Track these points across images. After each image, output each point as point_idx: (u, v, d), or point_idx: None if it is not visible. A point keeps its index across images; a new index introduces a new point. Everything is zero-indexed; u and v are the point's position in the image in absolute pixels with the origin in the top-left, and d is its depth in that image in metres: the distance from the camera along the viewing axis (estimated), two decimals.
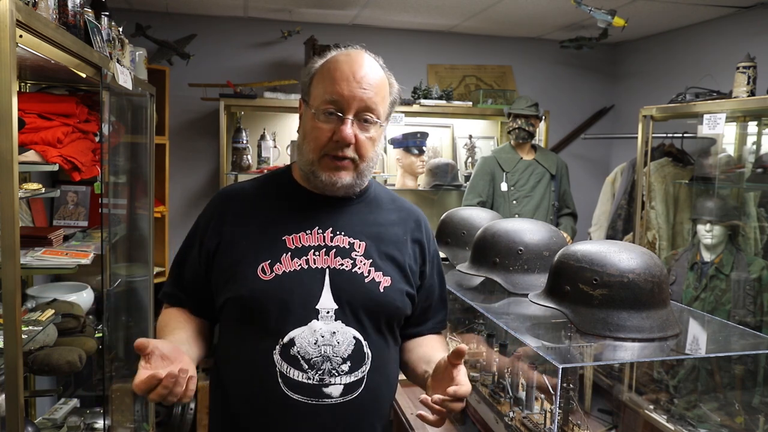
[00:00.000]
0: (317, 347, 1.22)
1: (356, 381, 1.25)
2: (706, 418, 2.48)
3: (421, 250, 1.40)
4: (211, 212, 1.35)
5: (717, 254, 2.93)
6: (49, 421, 2.39)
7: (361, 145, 1.26)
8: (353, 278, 1.27)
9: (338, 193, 1.31)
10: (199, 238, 1.33)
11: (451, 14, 3.78)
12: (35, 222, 2.70)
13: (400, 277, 1.33)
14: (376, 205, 1.39)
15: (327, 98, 1.24)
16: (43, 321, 1.92)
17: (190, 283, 1.35)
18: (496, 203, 3.50)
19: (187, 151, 3.96)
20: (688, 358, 2.34)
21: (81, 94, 2.38)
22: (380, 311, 1.29)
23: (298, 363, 1.21)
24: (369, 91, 1.25)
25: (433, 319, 1.45)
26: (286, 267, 1.25)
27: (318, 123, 1.25)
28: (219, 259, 1.29)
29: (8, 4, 1.33)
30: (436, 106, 3.90)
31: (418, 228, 1.41)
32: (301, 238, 1.28)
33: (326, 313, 1.24)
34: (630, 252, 1.31)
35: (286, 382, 1.21)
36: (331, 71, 1.25)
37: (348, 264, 1.27)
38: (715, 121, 2.72)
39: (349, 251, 1.29)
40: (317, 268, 1.26)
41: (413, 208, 1.46)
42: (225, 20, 3.95)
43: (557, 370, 1.15)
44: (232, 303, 1.27)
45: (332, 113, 1.24)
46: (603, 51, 4.54)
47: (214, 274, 1.30)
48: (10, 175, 1.39)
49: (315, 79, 1.29)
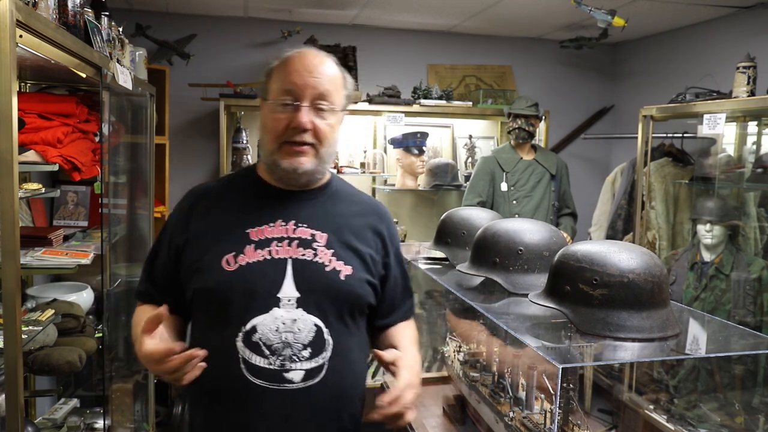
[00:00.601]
0: (278, 334, 1.28)
1: (317, 367, 1.30)
2: (706, 418, 2.48)
3: (383, 241, 1.46)
4: (179, 211, 1.43)
5: (717, 254, 2.93)
6: (49, 421, 2.39)
7: (319, 131, 1.33)
8: (315, 268, 1.33)
9: (301, 180, 1.37)
10: (168, 236, 1.41)
11: (451, 14, 3.78)
12: (35, 222, 2.70)
13: (361, 266, 1.38)
14: (337, 198, 1.45)
15: (282, 89, 1.32)
16: (43, 321, 1.92)
17: (161, 280, 1.42)
18: (496, 203, 3.50)
19: (187, 151, 3.96)
20: (688, 358, 2.34)
21: (81, 94, 2.38)
22: (341, 299, 1.34)
23: (259, 349, 1.27)
24: (322, 79, 1.32)
25: (401, 308, 1.51)
26: (250, 258, 1.31)
27: (275, 114, 1.33)
28: (187, 254, 1.36)
29: (8, 4, 1.33)
30: (436, 106, 3.90)
31: (380, 220, 1.47)
32: (264, 230, 1.34)
33: (288, 301, 1.29)
34: (630, 252, 1.30)
35: (249, 367, 1.27)
36: (285, 66, 1.34)
37: (310, 254, 1.33)
38: (715, 121, 2.72)
39: (311, 242, 1.35)
40: (280, 258, 1.32)
41: (374, 201, 1.55)
42: (225, 20, 3.95)
43: (557, 370, 1.15)
44: (199, 294, 1.34)
45: (288, 103, 1.31)
46: (603, 51, 4.54)
47: (183, 268, 1.37)
48: (10, 175, 1.39)
49: (272, 77, 1.36)
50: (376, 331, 1.49)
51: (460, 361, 2.06)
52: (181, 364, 1.14)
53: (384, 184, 4.04)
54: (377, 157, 3.94)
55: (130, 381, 2.90)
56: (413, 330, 1.54)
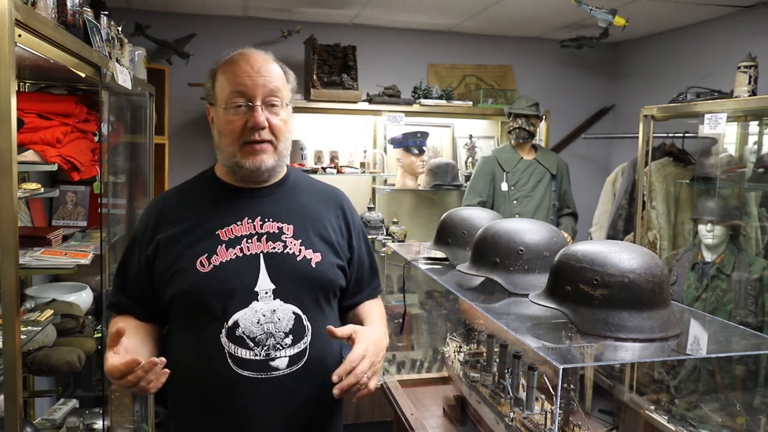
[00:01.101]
0: (260, 326, 1.33)
1: (300, 352, 1.36)
2: (707, 419, 2.48)
3: (346, 224, 1.53)
4: (145, 222, 1.45)
5: (718, 254, 2.92)
6: (48, 422, 2.39)
7: (275, 127, 1.38)
8: (286, 259, 1.39)
9: (263, 177, 1.42)
10: (137, 248, 1.43)
11: (451, 14, 3.78)
12: (34, 222, 2.70)
13: (329, 251, 1.45)
14: (297, 189, 1.51)
15: (233, 91, 1.36)
16: (42, 321, 1.91)
17: (134, 291, 1.44)
18: (497, 203, 3.49)
19: (186, 150, 3.96)
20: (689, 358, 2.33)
21: (80, 93, 2.38)
22: (315, 285, 1.41)
23: (244, 342, 1.32)
24: (269, 77, 1.38)
25: (368, 287, 1.58)
26: (223, 257, 1.36)
27: (229, 116, 1.37)
28: (158, 263, 1.39)
29: (7, 4, 1.33)
30: (436, 105, 3.89)
31: (340, 205, 1.54)
32: (233, 229, 1.39)
33: (265, 293, 1.35)
34: (631, 252, 1.30)
35: (235, 360, 1.32)
36: (231, 68, 1.39)
37: (279, 246, 1.39)
38: (716, 120, 2.71)
39: (279, 235, 1.40)
40: (252, 254, 1.37)
41: (333, 188, 1.60)
42: (225, 20, 3.95)
43: (558, 371, 1.14)
44: (177, 298, 1.37)
45: (240, 105, 1.36)
46: (603, 51, 4.53)
47: (156, 277, 1.40)
48: (9, 175, 1.39)
49: (217, 81, 1.42)
50: (345, 310, 1.55)
51: (460, 361, 2.06)
52: (142, 376, 1.16)
53: (384, 184, 4.04)
54: (377, 157, 3.94)
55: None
56: (380, 306, 1.60)
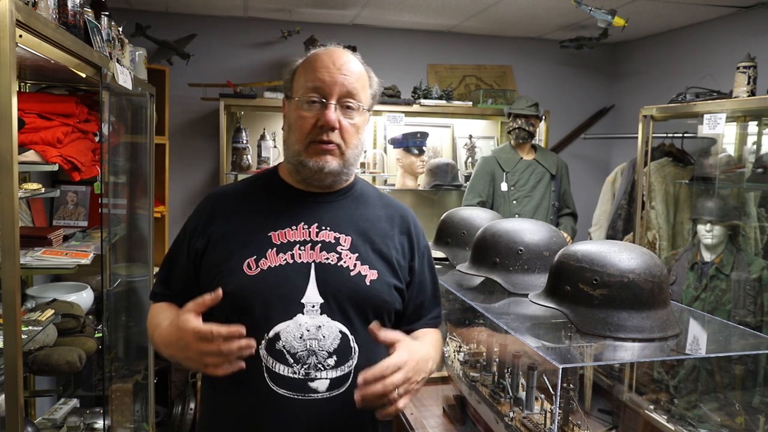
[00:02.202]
0: (303, 341, 1.22)
1: (343, 376, 1.24)
2: (707, 419, 2.48)
3: (410, 245, 1.40)
4: (200, 214, 1.38)
5: (717, 254, 2.93)
6: (49, 421, 2.39)
7: (345, 131, 1.29)
8: (338, 272, 1.27)
9: (326, 180, 1.32)
10: (188, 240, 1.36)
11: (451, 14, 3.78)
12: (35, 222, 2.70)
13: (387, 270, 1.33)
14: (363, 201, 1.40)
15: (309, 86, 1.28)
16: (43, 321, 1.92)
17: (179, 284, 1.38)
18: (496, 203, 3.50)
19: (187, 151, 3.96)
20: (689, 358, 2.34)
21: (81, 94, 2.38)
22: (366, 304, 1.28)
23: (283, 357, 1.22)
24: (349, 77, 1.28)
25: (427, 316, 1.44)
26: (271, 262, 1.26)
27: (302, 112, 1.29)
28: (207, 258, 1.32)
29: (8, 4, 1.33)
30: (436, 106, 3.90)
31: (406, 223, 1.42)
32: (286, 233, 1.29)
33: (311, 307, 1.24)
34: (630, 252, 1.30)
35: (272, 376, 1.22)
36: (312, 63, 1.30)
37: (333, 258, 1.28)
38: (715, 121, 2.72)
39: (335, 245, 1.30)
40: (303, 262, 1.27)
41: (401, 205, 1.47)
42: (225, 20, 3.95)
43: (557, 370, 1.15)
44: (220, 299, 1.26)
45: (315, 101, 1.27)
46: (603, 51, 4.54)
47: (203, 273, 1.32)
48: (9, 175, 1.39)
49: (296, 74, 1.33)
50: None
51: (460, 361, 2.06)
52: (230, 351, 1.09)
53: (384, 184, 4.04)
54: (377, 157, 3.94)
55: (129, 381, 2.90)
56: (438, 335, 1.44)
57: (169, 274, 1.40)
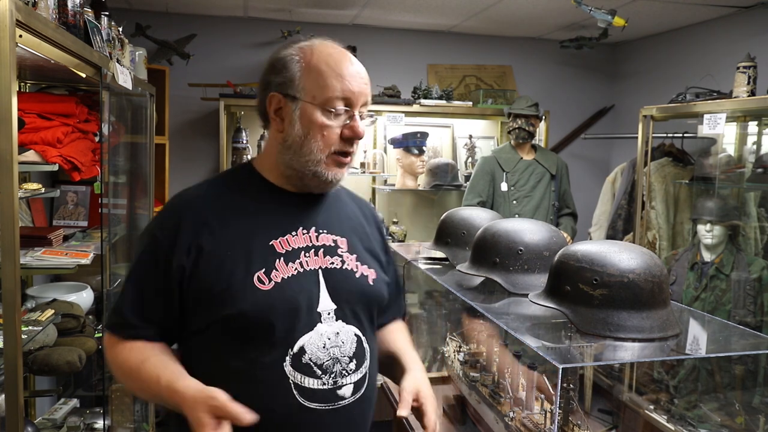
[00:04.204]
0: (326, 351, 1.19)
1: (362, 377, 1.23)
2: (707, 419, 2.48)
3: (381, 237, 1.42)
4: (175, 224, 1.19)
5: (717, 254, 2.93)
6: (49, 421, 2.39)
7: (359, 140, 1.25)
8: (345, 276, 1.25)
9: (328, 189, 1.28)
10: (165, 257, 1.17)
11: (451, 14, 3.78)
12: (35, 222, 2.70)
13: (379, 267, 1.33)
14: (339, 198, 1.36)
15: (338, 96, 1.19)
16: (43, 321, 1.92)
17: (158, 312, 1.19)
18: (496, 203, 3.50)
19: (187, 151, 3.96)
20: (689, 358, 2.34)
21: (81, 94, 2.38)
22: (372, 304, 1.29)
23: (311, 370, 1.17)
24: (368, 86, 1.24)
25: (395, 305, 1.46)
26: (283, 273, 1.19)
27: (328, 121, 1.19)
28: (198, 277, 1.16)
29: (8, 4, 1.33)
30: (436, 106, 3.90)
31: (373, 215, 1.43)
32: (289, 240, 1.22)
33: (327, 314, 1.21)
34: (630, 252, 1.30)
35: (302, 392, 1.17)
36: (334, 66, 1.20)
37: (338, 262, 1.25)
38: (715, 121, 2.72)
39: (335, 249, 1.26)
40: (311, 269, 1.22)
41: (361, 197, 1.48)
42: (225, 20, 3.95)
43: (557, 370, 1.15)
44: (230, 320, 1.16)
45: (342, 112, 1.20)
46: (603, 51, 4.54)
47: (192, 294, 1.17)
48: (10, 175, 1.39)
49: (308, 72, 1.20)
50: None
51: (460, 361, 2.06)
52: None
53: (384, 184, 4.04)
54: (377, 157, 3.94)
55: None
56: (405, 330, 1.49)
57: (141, 302, 1.19)
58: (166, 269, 1.17)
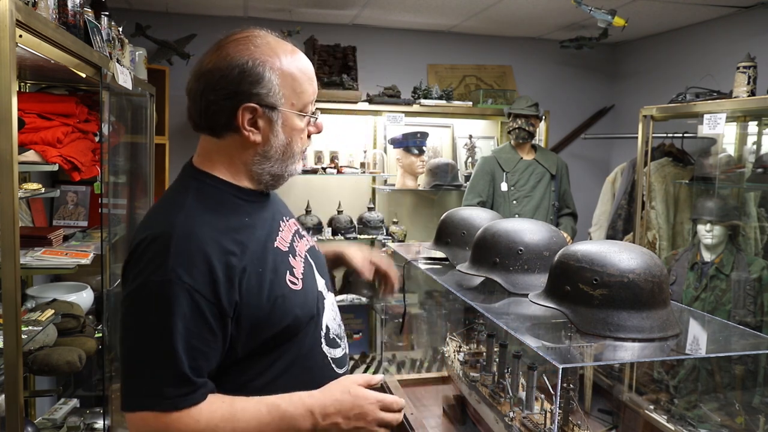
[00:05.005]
0: (335, 321, 1.33)
1: (343, 332, 1.39)
2: (707, 418, 2.48)
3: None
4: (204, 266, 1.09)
5: (717, 254, 2.93)
6: (49, 421, 2.39)
7: None
8: (316, 252, 1.39)
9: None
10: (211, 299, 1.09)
11: (451, 14, 3.78)
12: (35, 222, 2.70)
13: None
14: None
15: (312, 98, 1.24)
16: (43, 321, 1.92)
17: (213, 361, 1.12)
18: (496, 203, 3.50)
19: (187, 151, 3.92)
20: (689, 358, 2.34)
21: (81, 93, 2.38)
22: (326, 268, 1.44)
23: (336, 342, 1.32)
24: None
25: None
26: (299, 268, 1.26)
27: (302, 123, 1.22)
28: (251, 302, 1.14)
29: (8, 4, 1.33)
30: (436, 106, 3.90)
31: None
32: (283, 237, 1.27)
33: (324, 290, 1.34)
34: (630, 252, 1.30)
35: (336, 363, 1.30)
36: (304, 69, 1.22)
37: (308, 241, 1.38)
38: (715, 121, 2.72)
39: (299, 230, 1.38)
40: (305, 255, 1.32)
41: None
42: (225, 20, 3.95)
43: (557, 370, 1.15)
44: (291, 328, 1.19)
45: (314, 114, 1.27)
46: (603, 51, 4.54)
47: (246, 319, 1.13)
48: (10, 175, 1.39)
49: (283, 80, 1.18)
50: None
51: (460, 361, 2.06)
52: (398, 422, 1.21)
53: (384, 184, 4.04)
54: (377, 157, 3.94)
55: None
56: None
57: (196, 359, 1.08)
58: (220, 312, 1.09)
